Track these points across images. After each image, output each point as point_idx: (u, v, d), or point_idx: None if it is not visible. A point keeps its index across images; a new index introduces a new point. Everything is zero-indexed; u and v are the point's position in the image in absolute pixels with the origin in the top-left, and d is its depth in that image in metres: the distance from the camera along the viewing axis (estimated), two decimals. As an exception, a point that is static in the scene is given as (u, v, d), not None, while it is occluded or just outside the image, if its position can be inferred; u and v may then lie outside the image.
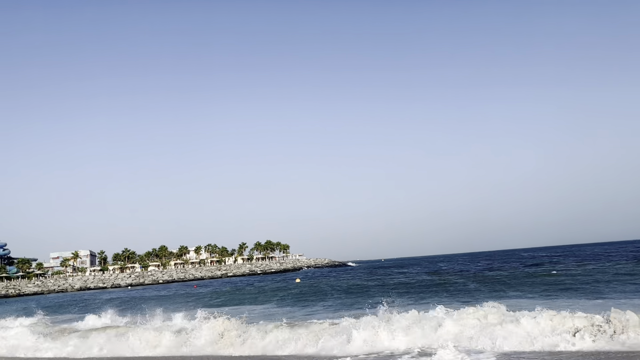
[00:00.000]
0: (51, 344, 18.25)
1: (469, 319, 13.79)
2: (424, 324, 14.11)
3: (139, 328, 18.44)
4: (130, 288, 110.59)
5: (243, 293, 48.49)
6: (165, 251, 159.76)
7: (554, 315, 13.06)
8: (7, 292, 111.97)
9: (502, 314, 13.85)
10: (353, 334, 14.05)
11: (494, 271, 54.76)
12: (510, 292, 29.23)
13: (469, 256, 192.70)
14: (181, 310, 21.96)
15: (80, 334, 18.89)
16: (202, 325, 16.83)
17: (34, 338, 18.89)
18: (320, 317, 22.59)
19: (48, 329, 20.69)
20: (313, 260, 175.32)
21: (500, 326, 13.02)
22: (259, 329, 16.49)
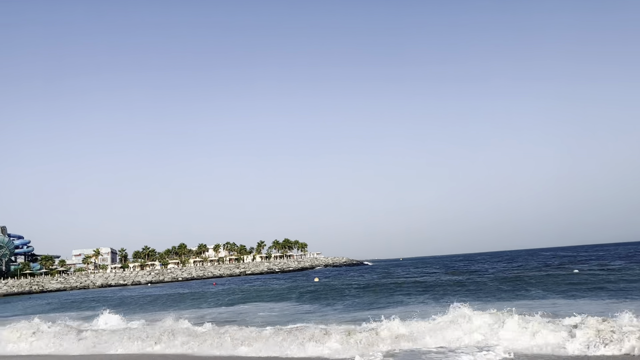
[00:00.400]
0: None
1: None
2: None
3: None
4: (150, 285, 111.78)
5: (266, 292, 48.44)
6: (184, 249, 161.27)
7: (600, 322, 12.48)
8: (31, 288, 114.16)
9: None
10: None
11: (516, 270, 53.88)
12: (532, 290, 28.61)
13: (489, 255, 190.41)
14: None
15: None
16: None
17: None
18: (360, 315, 22.36)
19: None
20: (331, 258, 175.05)
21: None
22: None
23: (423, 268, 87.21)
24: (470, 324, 13.65)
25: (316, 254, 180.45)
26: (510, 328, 13.10)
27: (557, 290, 28.30)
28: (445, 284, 38.89)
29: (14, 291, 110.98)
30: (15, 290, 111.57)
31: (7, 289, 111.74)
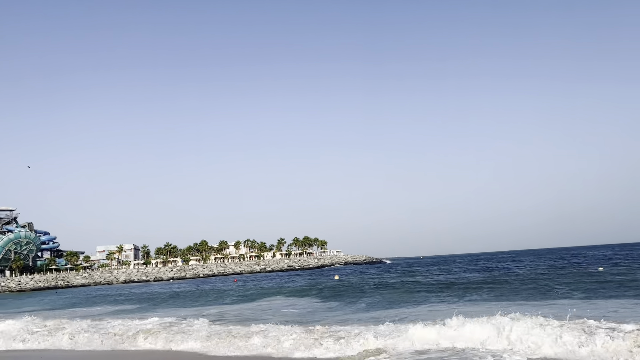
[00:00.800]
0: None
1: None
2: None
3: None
4: (172, 281, 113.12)
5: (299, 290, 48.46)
6: (205, 246, 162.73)
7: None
8: (57, 283, 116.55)
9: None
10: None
11: (544, 268, 52.87)
12: (556, 289, 27.95)
13: (514, 254, 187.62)
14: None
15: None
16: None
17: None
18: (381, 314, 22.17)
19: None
20: (351, 256, 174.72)
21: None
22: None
23: (445, 266, 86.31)
24: (508, 331, 12.40)
25: (336, 252, 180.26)
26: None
27: (592, 289, 27.58)
28: (469, 283, 38.35)
29: (41, 286, 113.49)
30: (42, 285, 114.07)
31: (33, 284, 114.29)
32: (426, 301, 26.56)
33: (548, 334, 11.84)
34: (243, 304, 34.31)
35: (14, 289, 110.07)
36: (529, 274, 46.60)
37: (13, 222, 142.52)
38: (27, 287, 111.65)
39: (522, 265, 71.25)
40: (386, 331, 14.37)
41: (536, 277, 41.28)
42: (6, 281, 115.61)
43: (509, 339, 12.16)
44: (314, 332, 15.10)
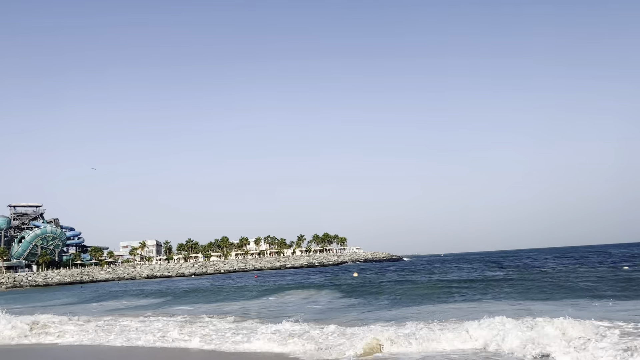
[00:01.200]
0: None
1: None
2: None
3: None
4: (194, 277, 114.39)
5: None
6: (226, 242, 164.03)
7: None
8: (82, 278, 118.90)
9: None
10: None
11: (572, 266, 51.96)
12: (580, 287, 27.43)
13: (535, 252, 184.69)
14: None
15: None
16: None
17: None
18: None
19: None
20: (370, 253, 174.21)
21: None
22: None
23: (467, 264, 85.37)
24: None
25: (355, 249, 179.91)
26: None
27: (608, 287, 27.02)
28: (492, 280, 37.89)
29: (66, 280, 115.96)
30: (67, 280, 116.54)
31: (59, 279, 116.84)
32: (449, 299, 26.35)
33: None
34: (265, 299, 34.54)
35: (40, 283, 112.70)
36: (557, 271, 45.79)
37: (40, 218, 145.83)
38: (53, 282, 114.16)
39: (545, 262, 70.10)
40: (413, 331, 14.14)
41: (562, 274, 40.59)
42: (33, 276, 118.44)
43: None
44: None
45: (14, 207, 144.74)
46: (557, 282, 33.46)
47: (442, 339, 12.68)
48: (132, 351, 14.68)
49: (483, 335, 12.49)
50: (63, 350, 15.68)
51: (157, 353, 14.23)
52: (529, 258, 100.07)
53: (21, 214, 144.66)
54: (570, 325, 11.87)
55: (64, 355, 14.88)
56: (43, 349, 16.22)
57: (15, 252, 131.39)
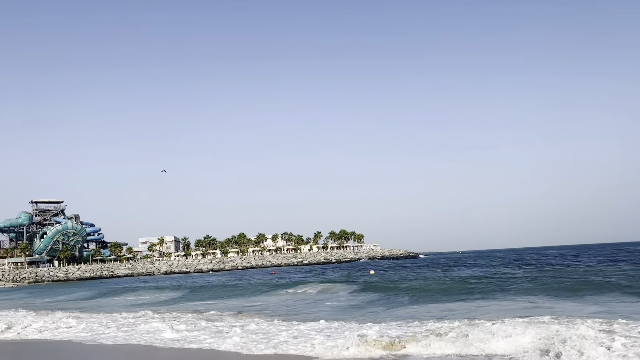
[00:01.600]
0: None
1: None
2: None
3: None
4: (212, 273, 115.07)
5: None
6: (243, 238, 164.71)
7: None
8: (102, 273, 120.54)
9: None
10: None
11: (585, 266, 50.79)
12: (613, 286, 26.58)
13: (555, 249, 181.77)
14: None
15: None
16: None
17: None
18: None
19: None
20: (388, 250, 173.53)
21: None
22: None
23: (488, 261, 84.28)
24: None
25: (372, 245, 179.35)
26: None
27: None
28: (515, 278, 37.10)
29: (87, 275, 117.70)
30: (88, 275, 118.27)
31: (80, 274, 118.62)
32: (469, 297, 25.78)
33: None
34: (286, 294, 34.38)
35: (61, 278, 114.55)
36: (587, 269, 44.70)
37: (61, 214, 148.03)
38: (74, 277, 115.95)
39: (567, 259, 68.73)
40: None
41: (593, 271, 39.58)
42: (55, 271, 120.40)
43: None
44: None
45: (36, 204, 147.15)
46: (592, 278, 32.49)
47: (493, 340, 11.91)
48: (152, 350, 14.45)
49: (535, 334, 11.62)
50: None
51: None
52: (554, 256, 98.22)
53: (42, 210, 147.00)
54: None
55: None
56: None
57: (37, 247, 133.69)
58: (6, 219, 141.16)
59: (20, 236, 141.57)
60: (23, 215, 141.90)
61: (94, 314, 24.54)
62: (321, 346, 12.64)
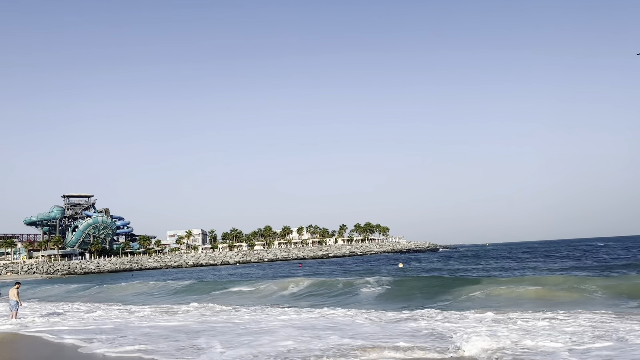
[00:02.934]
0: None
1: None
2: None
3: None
4: (238, 265, 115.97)
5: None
6: (269, 231, 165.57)
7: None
8: (132, 266, 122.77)
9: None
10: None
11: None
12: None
13: (588, 241, 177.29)
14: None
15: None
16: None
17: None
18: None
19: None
20: (413, 243, 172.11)
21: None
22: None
23: (518, 254, 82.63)
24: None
25: (398, 238, 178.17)
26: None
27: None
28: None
29: (117, 268, 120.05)
30: (118, 267, 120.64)
31: (110, 266, 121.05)
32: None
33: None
34: (319, 286, 34.18)
35: (93, 270, 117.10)
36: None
37: (91, 207, 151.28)
38: (105, 269, 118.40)
39: (616, 253, 66.67)
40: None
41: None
42: (86, 263, 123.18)
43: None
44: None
45: (68, 198, 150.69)
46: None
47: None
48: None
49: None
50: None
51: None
52: (594, 248, 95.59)
53: (74, 204, 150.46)
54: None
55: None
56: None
57: (69, 240, 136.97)
58: (39, 212, 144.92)
59: (53, 229, 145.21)
60: (55, 209, 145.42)
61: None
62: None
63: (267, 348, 10.94)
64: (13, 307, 20.66)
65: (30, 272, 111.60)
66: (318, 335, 12.57)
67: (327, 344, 11.22)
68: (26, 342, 13.89)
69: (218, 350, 10.97)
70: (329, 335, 12.48)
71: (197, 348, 11.51)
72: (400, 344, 10.93)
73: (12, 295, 20.88)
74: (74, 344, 12.76)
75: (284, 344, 11.28)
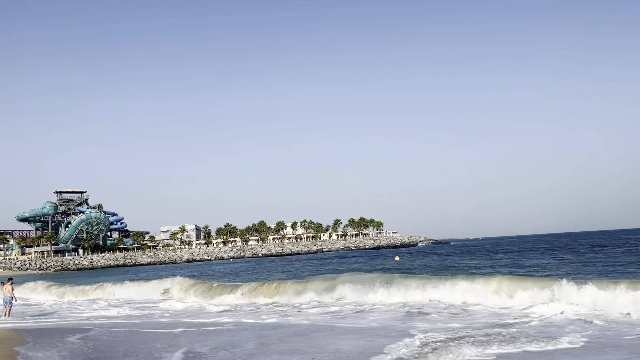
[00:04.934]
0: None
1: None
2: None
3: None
4: (232, 260, 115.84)
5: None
6: (264, 226, 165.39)
7: None
8: (125, 262, 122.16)
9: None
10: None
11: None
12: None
13: (579, 236, 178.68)
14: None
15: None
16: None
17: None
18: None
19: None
20: (407, 238, 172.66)
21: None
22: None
23: (517, 247, 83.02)
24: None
25: (392, 233, 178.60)
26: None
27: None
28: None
29: (111, 264, 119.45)
30: (112, 263, 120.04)
31: (104, 262, 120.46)
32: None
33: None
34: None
35: (86, 266, 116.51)
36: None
37: (84, 203, 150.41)
38: (99, 265, 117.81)
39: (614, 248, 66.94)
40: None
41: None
42: (80, 259, 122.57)
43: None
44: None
45: (60, 194, 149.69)
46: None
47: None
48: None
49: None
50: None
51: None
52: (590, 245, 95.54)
53: (67, 200, 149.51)
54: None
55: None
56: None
57: (62, 236, 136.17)
58: (32, 208, 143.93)
59: (45, 226, 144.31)
60: (48, 205, 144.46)
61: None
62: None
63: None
64: (7, 304, 20.50)
65: (23, 268, 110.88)
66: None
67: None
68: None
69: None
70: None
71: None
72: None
73: (6, 292, 20.73)
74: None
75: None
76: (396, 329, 12.68)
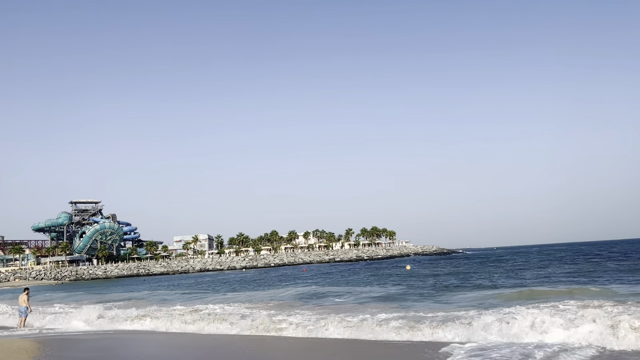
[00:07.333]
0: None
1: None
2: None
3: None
4: (245, 270, 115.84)
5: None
6: (276, 236, 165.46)
7: None
8: (139, 271, 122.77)
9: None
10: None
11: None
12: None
13: (591, 245, 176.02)
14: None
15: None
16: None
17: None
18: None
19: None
20: (420, 247, 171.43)
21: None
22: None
23: (536, 257, 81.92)
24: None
25: (405, 242, 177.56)
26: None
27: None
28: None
29: (124, 274, 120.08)
30: (125, 273, 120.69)
31: (118, 272, 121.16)
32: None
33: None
34: (331, 287, 34.09)
35: (100, 276, 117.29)
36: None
37: (98, 213, 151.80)
38: (112, 275, 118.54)
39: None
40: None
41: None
42: (94, 269, 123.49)
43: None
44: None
45: (75, 204, 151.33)
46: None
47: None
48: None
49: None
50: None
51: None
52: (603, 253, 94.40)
53: (81, 210, 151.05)
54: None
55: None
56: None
57: (76, 246, 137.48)
58: (47, 219, 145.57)
59: (60, 235, 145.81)
60: (63, 215, 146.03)
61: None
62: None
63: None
64: (22, 314, 20.69)
65: (38, 278, 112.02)
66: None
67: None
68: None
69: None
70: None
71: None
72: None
73: (21, 301, 20.92)
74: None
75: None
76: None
